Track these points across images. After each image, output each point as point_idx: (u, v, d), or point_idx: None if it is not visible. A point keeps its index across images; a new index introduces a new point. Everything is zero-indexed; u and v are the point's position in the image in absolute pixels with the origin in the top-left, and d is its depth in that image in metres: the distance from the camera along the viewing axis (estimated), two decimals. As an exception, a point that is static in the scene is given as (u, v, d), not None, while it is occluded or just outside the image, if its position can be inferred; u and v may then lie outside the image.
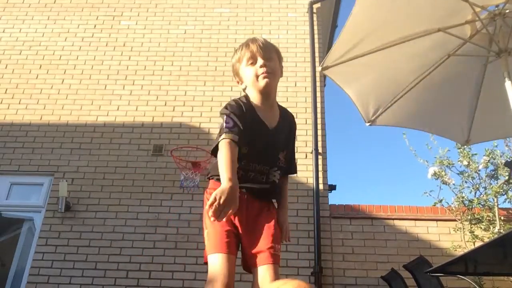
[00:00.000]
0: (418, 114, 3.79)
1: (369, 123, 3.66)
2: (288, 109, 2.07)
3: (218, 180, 1.71)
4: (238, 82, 1.98)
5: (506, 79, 3.03)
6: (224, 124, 1.74)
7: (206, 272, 5.31)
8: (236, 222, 1.75)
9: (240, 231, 1.75)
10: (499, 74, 3.11)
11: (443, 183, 4.85)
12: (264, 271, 1.73)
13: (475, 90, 3.61)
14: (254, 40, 1.90)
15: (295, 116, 2.12)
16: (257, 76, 1.83)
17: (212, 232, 1.72)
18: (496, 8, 3.14)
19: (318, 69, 3.51)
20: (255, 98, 1.88)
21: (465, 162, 4.89)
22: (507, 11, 3.09)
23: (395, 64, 3.44)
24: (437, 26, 3.15)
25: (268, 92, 1.88)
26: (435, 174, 4.86)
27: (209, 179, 1.90)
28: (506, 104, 2.96)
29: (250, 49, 1.87)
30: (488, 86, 3.54)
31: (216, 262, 1.69)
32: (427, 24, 3.16)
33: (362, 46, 3.17)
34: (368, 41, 3.15)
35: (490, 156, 4.79)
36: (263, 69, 1.82)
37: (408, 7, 3.02)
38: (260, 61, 1.84)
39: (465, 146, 4.48)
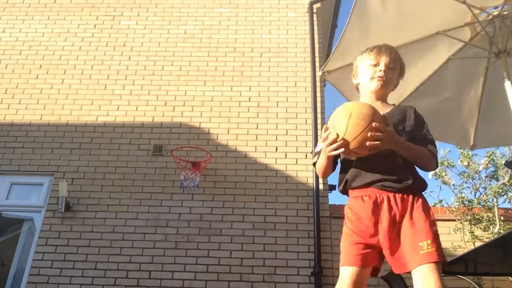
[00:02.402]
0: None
1: None
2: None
3: (353, 188, 1.83)
4: (353, 76, 2.08)
5: (506, 80, 3.03)
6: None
7: (206, 272, 5.31)
8: (378, 228, 1.72)
9: (383, 237, 1.70)
10: (501, 79, 3.11)
11: (443, 183, 4.86)
12: (419, 275, 1.62)
13: (478, 94, 3.60)
14: (387, 49, 1.99)
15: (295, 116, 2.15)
16: (372, 78, 1.94)
17: (342, 245, 1.78)
18: (495, 10, 3.14)
19: (319, 73, 3.51)
20: (364, 95, 2.02)
21: (465, 163, 4.90)
22: (506, 12, 3.09)
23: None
24: (436, 29, 3.15)
25: (375, 94, 1.97)
26: (435, 174, 4.86)
27: (347, 192, 1.89)
28: (507, 110, 2.95)
29: (379, 54, 1.97)
30: (491, 90, 3.53)
31: (342, 275, 1.73)
32: (426, 28, 3.16)
33: (361, 50, 3.16)
34: (367, 44, 3.14)
35: (491, 157, 4.81)
36: (381, 74, 1.93)
37: (407, 11, 3.02)
38: (382, 66, 1.94)
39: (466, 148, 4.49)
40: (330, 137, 1.68)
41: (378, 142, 1.62)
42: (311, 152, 5.07)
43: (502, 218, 4.56)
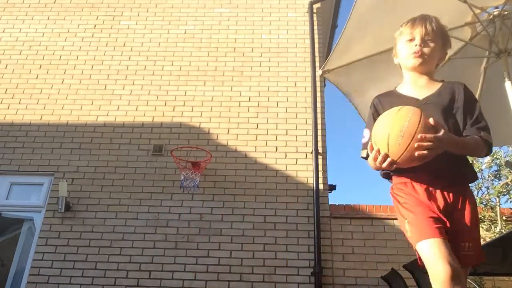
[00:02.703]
0: None
1: None
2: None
3: (397, 175, 1.70)
4: (394, 56, 1.93)
5: (506, 79, 3.02)
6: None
7: (206, 272, 5.30)
8: (439, 211, 1.58)
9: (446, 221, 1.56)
10: (500, 79, 3.10)
11: None
12: None
13: (476, 95, 3.59)
14: (423, 19, 1.81)
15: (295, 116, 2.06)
16: (408, 55, 1.79)
17: (416, 219, 1.57)
18: (496, 10, 3.14)
19: (319, 72, 3.50)
20: (406, 74, 1.86)
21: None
22: (506, 12, 3.09)
23: (396, 69, 3.41)
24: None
25: (417, 72, 1.80)
26: None
27: (391, 177, 1.77)
28: (507, 110, 2.94)
29: (414, 27, 1.80)
30: (489, 91, 3.52)
31: (432, 247, 1.48)
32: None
33: (361, 49, 3.16)
34: (367, 44, 3.14)
35: (494, 156, 4.80)
36: (416, 49, 1.76)
37: (408, 9, 3.01)
38: (417, 40, 1.77)
39: None
40: (378, 159, 1.56)
41: (426, 152, 1.49)
42: (311, 152, 5.06)
43: (504, 217, 4.55)
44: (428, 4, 3.05)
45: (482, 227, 4.58)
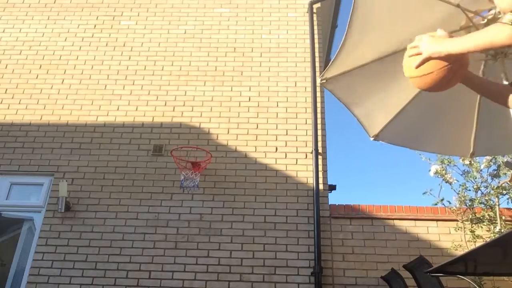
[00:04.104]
0: (421, 130, 3.72)
1: (373, 138, 3.63)
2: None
3: None
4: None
5: (504, 81, 3.02)
6: None
7: (206, 272, 5.30)
8: None
9: None
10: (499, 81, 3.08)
11: (445, 182, 4.84)
12: None
13: (475, 102, 3.57)
14: None
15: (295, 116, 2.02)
16: None
17: None
18: (489, 13, 3.13)
19: (318, 80, 3.48)
20: None
21: (467, 161, 4.88)
22: (500, 16, 3.08)
23: (395, 75, 3.40)
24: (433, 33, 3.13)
25: None
26: (437, 172, 4.84)
27: None
28: (507, 116, 2.92)
29: None
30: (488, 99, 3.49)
31: None
32: (424, 31, 3.14)
33: (360, 56, 3.14)
34: (366, 51, 3.12)
35: (492, 155, 4.78)
36: None
37: (403, 16, 3.00)
38: None
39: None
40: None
41: (418, 54, 1.53)
42: (311, 152, 5.07)
43: (503, 217, 4.55)
44: (423, 10, 3.05)
45: (482, 227, 4.58)
